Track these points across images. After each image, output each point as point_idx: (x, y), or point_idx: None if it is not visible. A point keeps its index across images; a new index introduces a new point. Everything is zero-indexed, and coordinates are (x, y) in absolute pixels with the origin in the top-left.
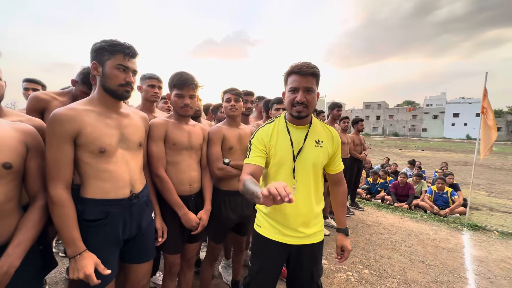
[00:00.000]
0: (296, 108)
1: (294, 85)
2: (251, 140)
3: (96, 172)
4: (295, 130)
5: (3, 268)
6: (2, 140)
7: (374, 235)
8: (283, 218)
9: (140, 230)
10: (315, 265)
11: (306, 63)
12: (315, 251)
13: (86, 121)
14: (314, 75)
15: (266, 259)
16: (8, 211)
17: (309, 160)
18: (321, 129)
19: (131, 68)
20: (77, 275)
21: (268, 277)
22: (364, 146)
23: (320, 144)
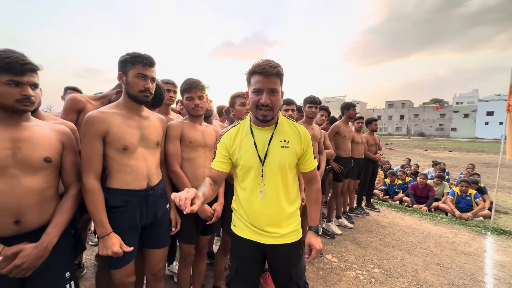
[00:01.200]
0: (262, 112)
1: (257, 86)
2: (217, 145)
3: (119, 166)
4: (260, 132)
5: (43, 244)
6: (44, 138)
7: (388, 236)
8: (253, 219)
9: (156, 219)
10: (292, 266)
11: (269, 62)
12: (292, 251)
13: (113, 122)
14: (278, 75)
15: (243, 258)
16: (48, 197)
17: (275, 162)
18: (288, 129)
19: (149, 76)
20: (106, 252)
21: (247, 275)
22: (380, 146)
23: (286, 144)
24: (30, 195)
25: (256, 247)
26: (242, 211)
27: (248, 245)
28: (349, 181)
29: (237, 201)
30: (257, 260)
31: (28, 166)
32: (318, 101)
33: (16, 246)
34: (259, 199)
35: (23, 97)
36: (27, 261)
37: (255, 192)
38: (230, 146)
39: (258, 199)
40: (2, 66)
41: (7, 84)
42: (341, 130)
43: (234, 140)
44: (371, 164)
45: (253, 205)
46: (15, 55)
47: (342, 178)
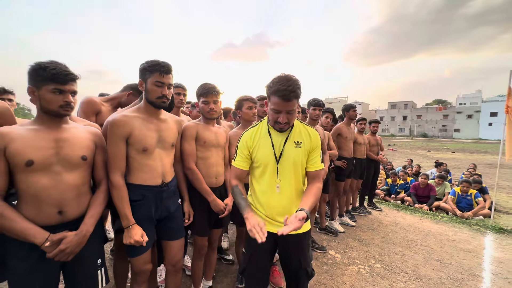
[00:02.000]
0: (279, 126)
1: (277, 108)
2: (237, 144)
3: (139, 165)
4: (277, 133)
5: (82, 232)
6: (81, 139)
7: (390, 234)
8: (269, 211)
9: (169, 213)
10: (302, 254)
11: (289, 84)
12: (301, 240)
13: (135, 125)
14: (296, 98)
15: (257, 247)
16: (84, 191)
17: (289, 160)
18: (301, 131)
19: (166, 83)
20: (129, 241)
21: (260, 262)
22: (381, 147)
23: (299, 144)
24: (70, 189)
25: (269, 237)
26: (258, 204)
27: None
28: (352, 181)
29: (253, 195)
30: (269, 249)
31: (68, 164)
32: (322, 103)
33: (60, 233)
34: (276, 194)
35: (65, 103)
36: (70, 247)
37: (272, 187)
38: (250, 144)
39: (275, 193)
40: (49, 76)
41: (53, 92)
42: (342, 132)
43: (253, 139)
44: (373, 164)
45: (270, 198)
46: (60, 66)
47: (344, 177)
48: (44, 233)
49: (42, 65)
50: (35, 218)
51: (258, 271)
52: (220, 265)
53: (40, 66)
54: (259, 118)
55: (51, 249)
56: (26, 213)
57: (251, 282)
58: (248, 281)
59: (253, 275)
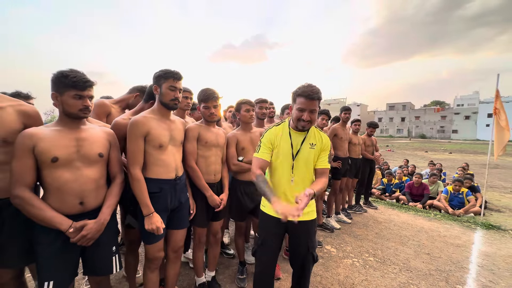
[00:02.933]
0: (302, 124)
1: (302, 106)
2: (261, 139)
3: (155, 160)
4: (296, 135)
5: (100, 220)
6: (98, 138)
7: (384, 230)
8: (283, 200)
9: (180, 203)
10: (309, 239)
11: (312, 88)
12: (309, 227)
13: (152, 125)
14: (318, 99)
15: (269, 232)
16: (101, 185)
17: (303, 158)
18: (315, 135)
19: (178, 88)
20: (151, 227)
21: (270, 246)
22: (376, 147)
23: (314, 146)
24: (89, 182)
25: (281, 224)
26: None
27: (274, 221)
28: (347, 180)
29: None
30: (279, 234)
31: (87, 160)
32: None
33: (81, 221)
34: (290, 185)
35: (84, 107)
36: (90, 233)
37: (288, 180)
38: (273, 140)
39: (290, 185)
40: (70, 83)
41: (74, 97)
42: (338, 132)
43: (276, 136)
44: (368, 164)
45: (286, 189)
46: (79, 74)
47: (340, 176)
48: (68, 221)
49: (64, 73)
50: (60, 208)
51: (268, 253)
52: (222, 258)
53: (62, 74)
54: (258, 120)
55: (74, 234)
56: (52, 203)
57: (261, 264)
58: (258, 263)
59: (264, 257)
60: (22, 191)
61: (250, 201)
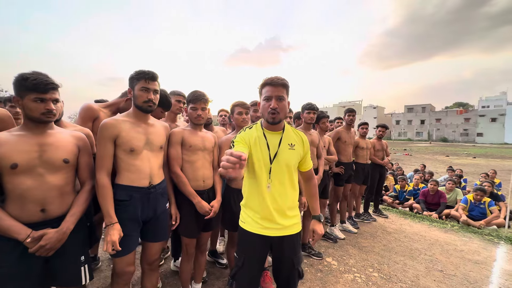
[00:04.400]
0: (271, 115)
1: (267, 94)
2: (233, 140)
3: (126, 166)
4: (271, 135)
5: (62, 229)
6: (64, 143)
7: (393, 242)
8: (262, 212)
9: (155, 215)
10: (294, 254)
11: (277, 76)
12: (294, 241)
13: (123, 128)
14: (284, 85)
15: (250, 251)
16: (67, 191)
17: (283, 161)
18: (292, 134)
19: (151, 89)
20: (107, 238)
21: (252, 267)
22: (387, 152)
23: (293, 147)
24: (53, 189)
25: (263, 241)
26: (253, 205)
27: (255, 238)
28: (354, 186)
29: (246, 198)
30: (262, 254)
31: (51, 166)
32: (316, 107)
33: (41, 230)
34: (266, 193)
35: (46, 110)
36: (50, 243)
37: (263, 186)
38: (248, 140)
39: (266, 192)
40: (30, 86)
41: (34, 100)
42: (342, 136)
43: (250, 138)
44: (378, 169)
45: (261, 197)
46: (40, 76)
47: (343, 182)
48: (27, 230)
49: (24, 76)
50: (20, 216)
51: (249, 277)
52: (214, 268)
53: (22, 77)
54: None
55: (32, 244)
56: (12, 211)
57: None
58: (239, 285)
59: (244, 281)
60: None
61: None
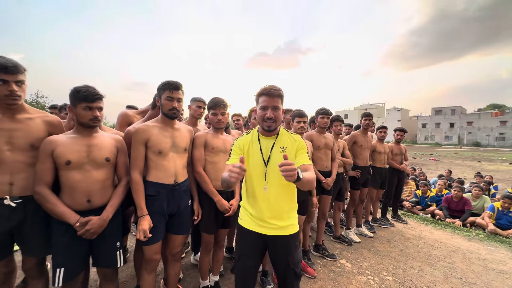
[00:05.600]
0: (266, 123)
1: (264, 104)
2: (232, 147)
3: (155, 165)
4: (265, 140)
5: (103, 217)
6: (106, 144)
7: (410, 248)
8: (259, 212)
9: (179, 210)
10: (289, 254)
11: (273, 86)
12: (289, 241)
13: (152, 132)
14: (279, 96)
15: (246, 247)
16: (107, 186)
17: (275, 164)
18: (286, 138)
19: (175, 98)
20: (139, 228)
21: (248, 261)
22: (405, 156)
23: (284, 150)
24: (96, 183)
25: (259, 238)
26: (249, 206)
27: (252, 235)
28: (371, 190)
29: (244, 198)
30: (259, 248)
31: (95, 163)
32: (329, 112)
33: (87, 217)
34: (263, 194)
35: (93, 117)
36: (93, 228)
37: (260, 188)
38: (243, 147)
39: (263, 194)
40: (81, 97)
41: (84, 109)
42: (358, 140)
43: (246, 144)
44: (396, 174)
45: (258, 199)
46: (89, 89)
47: (359, 186)
48: (76, 216)
49: (77, 89)
50: (71, 204)
51: (245, 270)
52: (230, 263)
53: (76, 90)
54: None
55: (80, 228)
56: (65, 200)
57: (238, 280)
58: (236, 279)
59: (239, 274)
60: (42, 188)
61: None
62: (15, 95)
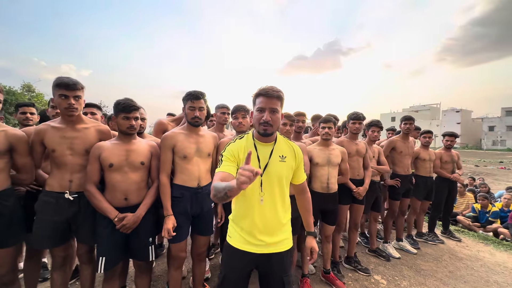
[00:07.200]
0: (263, 127)
1: (261, 106)
2: (222, 153)
3: (180, 169)
4: (262, 146)
5: (137, 214)
6: (142, 150)
7: (463, 270)
8: (251, 227)
9: (202, 211)
10: (285, 273)
11: (272, 87)
12: (284, 259)
13: (178, 139)
14: (279, 98)
15: (230, 267)
16: (142, 186)
17: (274, 174)
18: (284, 146)
19: (196, 107)
20: (164, 227)
21: (233, 283)
22: (459, 164)
23: (284, 159)
24: (133, 183)
25: (247, 258)
26: (241, 222)
27: (241, 255)
28: (414, 201)
29: (235, 213)
30: (246, 270)
31: (132, 166)
32: (362, 117)
33: (124, 214)
34: (259, 206)
35: (130, 126)
36: (128, 223)
37: (256, 200)
38: (237, 154)
39: (259, 206)
40: (121, 108)
41: (123, 118)
42: (397, 146)
43: (240, 150)
44: (446, 184)
45: (253, 212)
46: (128, 101)
47: (399, 196)
48: (115, 212)
49: (118, 101)
50: (112, 201)
51: None
52: None
53: (117, 102)
54: (296, 132)
55: (118, 223)
56: (108, 197)
57: None
58: None
59: None
60: (90, 186)
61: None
62: (73, 107)
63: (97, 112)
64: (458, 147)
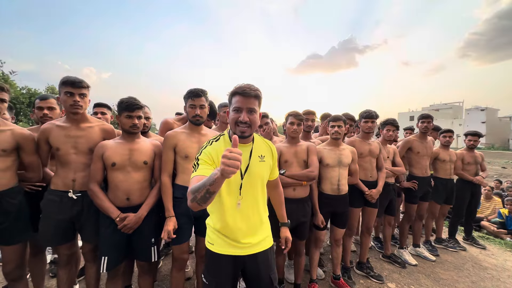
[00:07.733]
0: (240, 128)
1: (237, 105)
2: (198, 157)
3: (182, 169)
4: (240, 148)
5: (139, 214)
6: (145, 149)
7: (487, 281)
8: (230, 231)
9: (204, 213)
10: (271, 270)
11: (250, 85)
12: (268, 256)
13: (180, 138)
14: (256, 97)
15: (217, 274)
16: (144, 186)
17: (257, 175)
18: (262, 145)
19: (197, 105)
20: (164, 228)
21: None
22: (482, 165)
23: (263, 158)
24: (135, 183)
25: (234, 262)
26: (220, 226)
27: (227, 260)
28: (433, 205)
29: (213, 216)
30: (232, 276)
31: (135, 166)
32: (375, 115)
33: (126, 213)
34: (236, 211)
35: (133, 124)
36: (130, 223)
37: (232, 205)
38: (215, 156)
39: (236, 210)
40: (124, 107)
41: (126, 117)
42: (413, 146)
43: (218, 153)
44: (469, 187)
45: (230, 217)
46: (130, 100)
47: (417, 200)
48: (117, 211)
49: (121, 100)
50: (114, 201)
51: None
52: None
53: (120, 101)
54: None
55: (119, 223)
56: (110, 197)
57: None
58: None
59: None
60: (94, 185)
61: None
62: (77, 105)
63: (107, 112)
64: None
